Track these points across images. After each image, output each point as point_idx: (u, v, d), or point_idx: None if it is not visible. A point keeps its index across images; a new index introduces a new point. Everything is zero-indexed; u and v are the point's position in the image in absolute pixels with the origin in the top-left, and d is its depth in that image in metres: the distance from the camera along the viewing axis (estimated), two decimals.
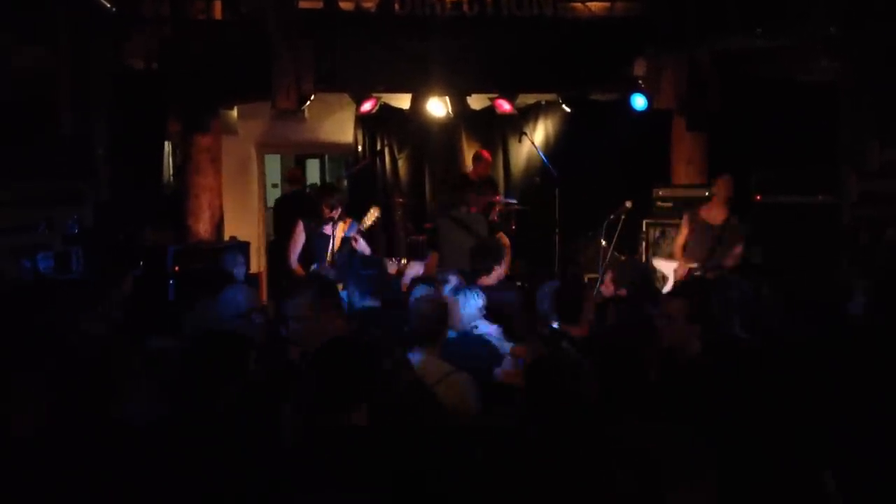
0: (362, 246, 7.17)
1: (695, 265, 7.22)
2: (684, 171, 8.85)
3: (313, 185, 13.43)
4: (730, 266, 7.12)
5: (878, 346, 4.04)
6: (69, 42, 7.58)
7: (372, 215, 7.34)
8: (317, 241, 7.34)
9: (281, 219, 10.05)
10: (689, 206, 7.87)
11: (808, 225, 7.70)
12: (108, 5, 7.72)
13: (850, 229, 7.51)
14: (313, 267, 7.30)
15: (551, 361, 3.36)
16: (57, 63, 7.56)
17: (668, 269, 7.73)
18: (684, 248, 7.49)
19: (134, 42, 8.25)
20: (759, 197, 7.92)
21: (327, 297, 4.39)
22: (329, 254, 7.17)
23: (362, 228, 7.28)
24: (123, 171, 8.22)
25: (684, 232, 7.52)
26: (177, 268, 7.66)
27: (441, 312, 4.43)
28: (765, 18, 8.01)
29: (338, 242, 7.22)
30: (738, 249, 7.22)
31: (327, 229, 7.28)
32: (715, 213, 7.37)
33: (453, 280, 5.58)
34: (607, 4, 8.51)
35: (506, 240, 8.12)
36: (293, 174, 10.98)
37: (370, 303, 5.28)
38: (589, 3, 8.45)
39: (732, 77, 8.32)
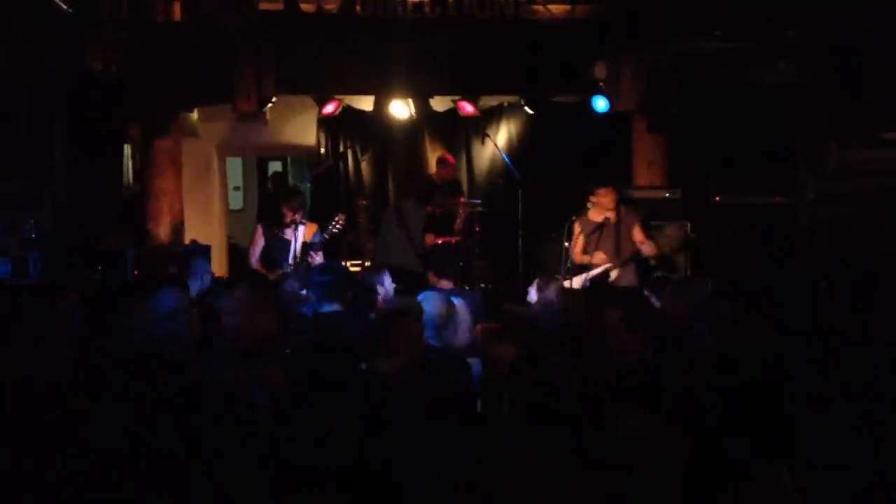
0: (319, 260, 7.13)
1: (608, 265, 7.25)
2: (645, 172, 8.93)
3: (276, 174, 13.36)
4: (648, 253, 7.23)
5: (832, 344, 4.11)
6: (26, 44, 7.47)
7: (338, 222, 7.31)
8: (277, 245, 7.28)
9: None
10: (649, 208, 7.97)
11: (766, 226, 7.80)
12: (66, 7, 7.61)
13: (807, 230, 7.62)
14: (282, 272, 7.24)
15: (534, 360, 3.33)
16: (13, 65, 7.45)
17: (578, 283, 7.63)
18: (584, 252, 7.47)
19: (93, 44, 8.16)
20: (717, 198, 8.01)
21: (260, 294, 4.43)
22: (291, 259, 7.13)
23: (327, 236, 7.25)
24: (82, 174, 8.12)
25: (579, 242, 7.46)
26: (136, 272, 7.58)
27: None
28: (723, 21, 8.11)
29: (300, 247, 7.18)
30: (639, 235, 7.27)
31: (288, 233, 7.24)
32: (604, 213, 7.40)
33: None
34: (568, 7, 8.56)
35: (430, 240, 8.21)
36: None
37: (330, 308, 5.28)
38: (549, 6, 8.49)
39: (692, 79, 8.41)
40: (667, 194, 8.45)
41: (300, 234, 7.24)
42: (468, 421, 3.82)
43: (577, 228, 7.47)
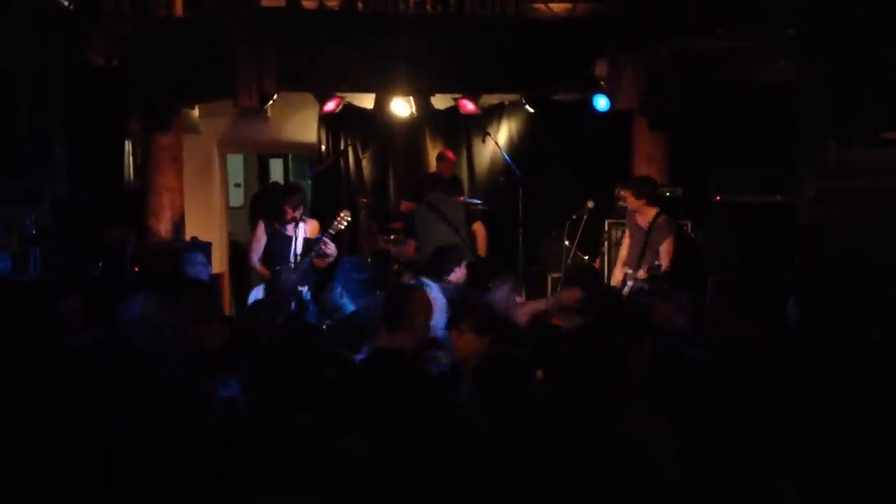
0: (331, 249, 7.12)
1: (629, 271, 7.27)
2: (646, 170, 8.89)
3: (275, 184, 13.40)
4: (665, 266, 7.17)
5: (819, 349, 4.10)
6: (26, 39, 7.48)
7: (342, 219, 7.30)
8: (278, 242, 7.28)
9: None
10: None
11: (767, 224, 7.79)
12: (66, 2, 7.61)
13: (807, 228, 7.61)
14: (276, 268, 7.24)
15: (499, 360, 3.34)
16: (13, 60, 7.46)
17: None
18: (625, 255, 7.56)
19: (94, 39, 8.15)
20: (718, 197, 8.00)
21: (205, 306, 4.42)
22: (292, 256, 7.12)
23: (332, 232, 7.25)
24: (83, 170, 8.13)
25: (626, 238, 7.60)
26: (136, 268, 7.58)
27: None
28: (724, 20, 8.11)
29: (300, 244, 7.18)
30: (665, 246, 7.21)
31: (289, 230, 7.23)
32: (644, 217, 7.42)
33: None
34: (569, 6, 8.55)
35: (481, 230, 8.20)
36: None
37: (357, 303, 5.31)
38: (551, 4, 8.48)
39: (693, 77, 8.41)
40: (667, 193, 8.44)
41: (301, 231, 7.23)
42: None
43: (627, 226, 7.58)
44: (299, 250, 7.12)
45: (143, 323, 4.35)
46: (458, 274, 6.20)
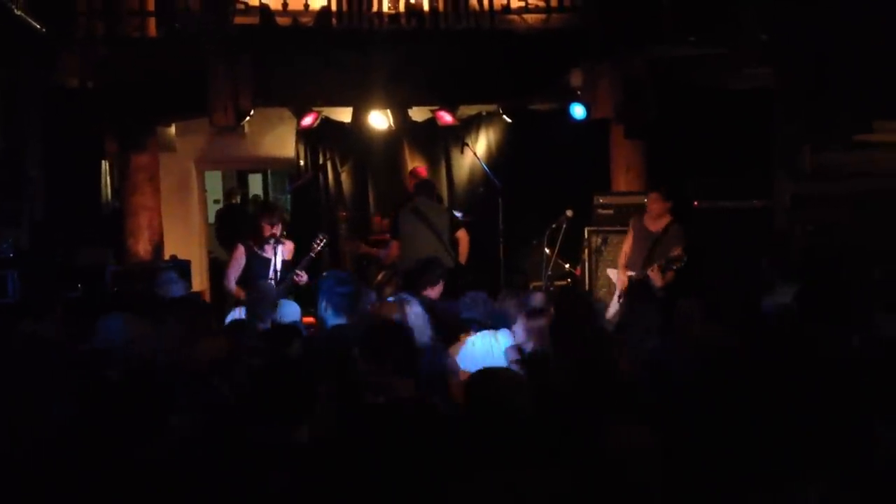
0: (304, 280, 7.11)
1: (633, 273, 7.31)
2: (624, 178, 8.96)
3: (255, 197, 13.41)
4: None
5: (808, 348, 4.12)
6: None
7: (321, 242, 7.27)
8: (256, 265, 7.20)
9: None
10: (628, 213, 8.01)
11: (745, 229, 7.85)
12: (38, 26, 7.58)
13: (783, 232, 7.67)
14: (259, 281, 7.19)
15: (490, 376, 3.35)
16: None
17: (615, 277, 7.86)
18: (628, 256, 7.62)
19: (67, 61, 8.12)
20: (696, 203, 8.05)
21: (201, 321, 4.42)
22: (271, 276, 7.07)
23: (313, 255, 7.21)
24: (59, 192, 8.08)
25: (628, 240, 7.66)
26: (115, 289, 7.55)
27: None
28: (697, 27, 8.17)
29: (280, 265, 7.14)
30: (677, 253, 7.29)
31: (268, 251, 7.18)
32: (656, 222, 7.50)
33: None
34: (543, 17, 8.59)
35: (465, 238, 8.22)
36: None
37: (340, 320, 5.29)
38: (525, 16, 8.52)
39: (668, 85, 8.45)
40: (646, 200, 8.49)
41: (280, 253, 7.19)
42: None
43: (631, 228, 7.64)
44: (279, 272, 7.08)
45: (129, 346, 4.32)
46: (436, 290, 6.22)
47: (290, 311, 5.82)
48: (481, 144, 10.09)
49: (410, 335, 4.01)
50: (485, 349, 5.06)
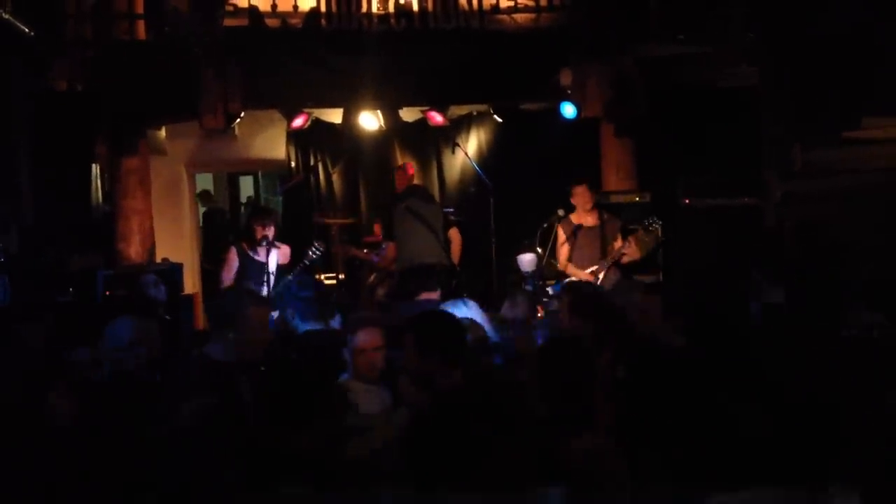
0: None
1: (594, 268, 7.36)
2: (614, 177, 8.98)
3: (249, 199, 13.39)
4: (632, 257, 7.52)
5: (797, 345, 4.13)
6: None
7: (317, 249, 7.26)
8: (250, 268, 7.21)
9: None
10: (617, 212, 8.06)
11: (735, 227, 7.87)
12: (27, 29, 7.55)
13: (773, 230, 7.69)
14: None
15: (485, 382, 3.35)
16: None
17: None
18: (570, 258, 7.66)
19: (57, 64, 8.10)
20: (686, 200, 8.07)
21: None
22: (265, 284, 7.05)
23: (307, 262, 7.20)
24: (49, 196, 8.05)
25: (564, 243, 7.66)
26: (108, 293, 7.52)
27: None
28: (685, 26, 8.19)
29: (274, 270, 7.13)
30: (619, 243, 7.50)
31: (261, 253, 7.17)
32: (588, 217, 7.60)
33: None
34: (532, 16, 8.60)
35: (457, 237, 8.24)
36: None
37: (310, 326, 5.26)
38: (514, 16, 8.53)
39: (657, 83, 8.47)
40: (636, 198, 8.52)
41: (273, 257, 7.18)
42: None
43: (560, 234, 7.56)
44: (273, 278, 7.06)
45: (138, 347, 4.33)
46: (434, 295, 6.22)
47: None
48: (472, 144, 10.11)
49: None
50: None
